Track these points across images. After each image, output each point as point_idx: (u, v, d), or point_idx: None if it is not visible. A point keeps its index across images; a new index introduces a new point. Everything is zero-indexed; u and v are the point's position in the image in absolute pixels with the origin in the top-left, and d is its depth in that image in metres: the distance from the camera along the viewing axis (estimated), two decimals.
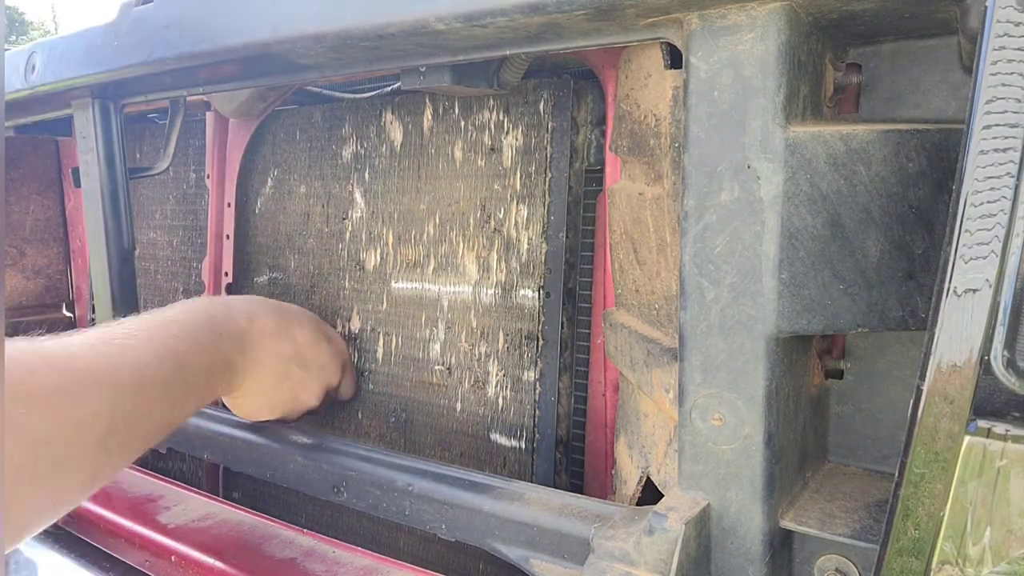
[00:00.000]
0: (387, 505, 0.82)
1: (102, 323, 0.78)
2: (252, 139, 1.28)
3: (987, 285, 0.44)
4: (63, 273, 1.77)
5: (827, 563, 0.63)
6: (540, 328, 0.96)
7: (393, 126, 1.10)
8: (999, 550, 0.46)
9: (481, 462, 1.01)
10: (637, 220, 0.77)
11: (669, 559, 0.57)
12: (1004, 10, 0.43)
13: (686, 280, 0.60)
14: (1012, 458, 0.45)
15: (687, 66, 0.59)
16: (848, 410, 0.73)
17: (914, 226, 0.57)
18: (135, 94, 1.07)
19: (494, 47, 0.71)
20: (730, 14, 0.56)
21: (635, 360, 0.78)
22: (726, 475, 0.61)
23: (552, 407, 0.96)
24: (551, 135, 0.95)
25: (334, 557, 0.84)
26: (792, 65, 0.56)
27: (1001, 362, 0.44)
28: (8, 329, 1.67)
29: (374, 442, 1.13)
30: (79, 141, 1.10)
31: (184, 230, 1.42)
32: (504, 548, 0.72)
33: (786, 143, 0.56)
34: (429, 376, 1.07)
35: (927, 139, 0.57)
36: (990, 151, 0.44)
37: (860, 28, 0.63)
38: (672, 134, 0.70)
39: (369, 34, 0.70)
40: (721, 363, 0.60)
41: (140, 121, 1.50)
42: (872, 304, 0.58)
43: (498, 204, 0.99)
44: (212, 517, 0.94)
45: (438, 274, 1.05)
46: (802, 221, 0.56)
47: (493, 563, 1.00)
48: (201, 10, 0.84)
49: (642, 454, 0.79)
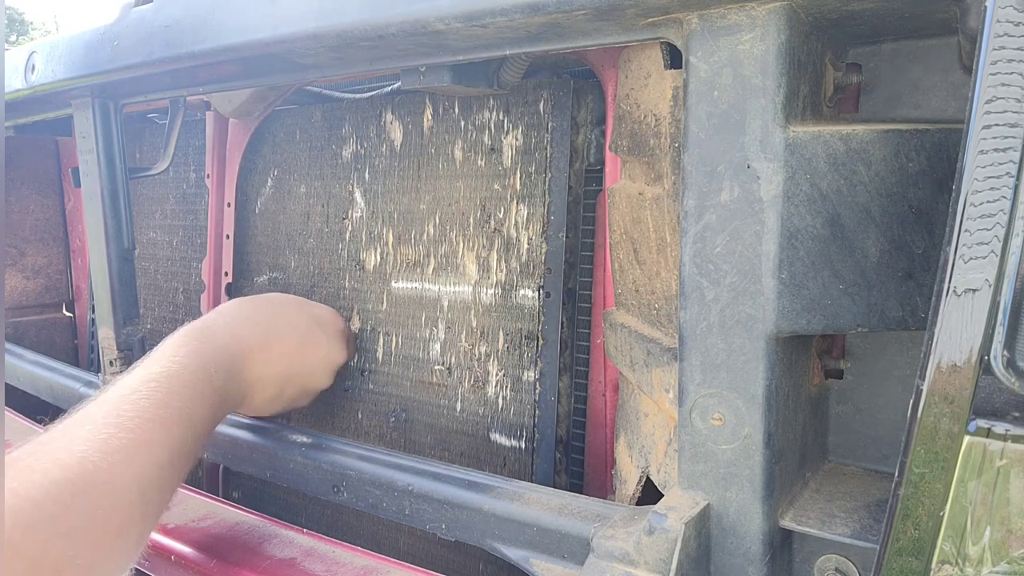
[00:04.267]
0: (387, 505, 0.82)
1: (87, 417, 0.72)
2: (252, 139, 1.28)
3: (987, 285, 0.44)
4: (63, 273, 1.77)
5: (827, 563, 0.63)
6: (540, 328, 0.96)
7: (393, 126, 1.10)
8: (999, 550, 0.46)
9: (481, 462, 1.01)
10: (637, 220, 0.77)
11: (669, 559, 0.57)
12: (1004, 10, 0.43)
13: (686, 280, 0.60)
14: (1012, 458, 0.45)
15: (687, 66, 0.59)
16: (848, 410, 0.73)
17: (914, 226, 0.57)
18: (135, 94, 1.07)
19: (494, 47, 0.71)
20: (730, 14, 0.56)
21: (635, 360, 0.78)
22: (726, 475, 0.61)
23: (552, 407, 0.96)
24: (551, 135, 0.95)
25: (334, 557, 0.84)
26: (792, 65, 0.56)
27: (1001, 362, 0.44)
28: (8, 329, 1.67)
29: (374, 442, 1.13)
30: (79, 141, 1.10)
31: (184, 230, 1.42)
32: (504, 548, 0.72)
33: (786, 143, 0.56)
34: (429, 376, 1.07)
35: (927, 139, 0.57)
36: (990, 151, 0.44)
37: (860, 28, 0.63)
38: (672, 134, 0.70)
39: (369, 34, 0.70)
40: (721, 363, 0.60)
41: (140, 121, 1.50)
42: (872, 304, 0.58)
43: (498, 204, 0.99)
44: (212, 517, 0.94)
45: (438, 274, 1.05)
46: (802, 221, 0.56)
47: (493, 563, 1.00)
48: (201, 10, 0.84)
49: (642, 454, 0.79)
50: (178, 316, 1.43)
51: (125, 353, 1.13)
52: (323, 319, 1.06)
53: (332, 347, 1.05)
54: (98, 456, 0.67)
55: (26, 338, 1.69)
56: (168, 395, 0.77)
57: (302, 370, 1.00)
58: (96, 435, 0.69)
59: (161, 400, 0.76)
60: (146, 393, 0.76)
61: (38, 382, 1.32)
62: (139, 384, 0.77)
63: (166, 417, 0.75)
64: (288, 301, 1.04)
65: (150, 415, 0.73)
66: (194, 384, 0.81)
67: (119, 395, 0.75)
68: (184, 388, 0.79)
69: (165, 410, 0.75)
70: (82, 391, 1.20)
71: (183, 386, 0.79)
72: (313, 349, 1.02)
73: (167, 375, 0.79)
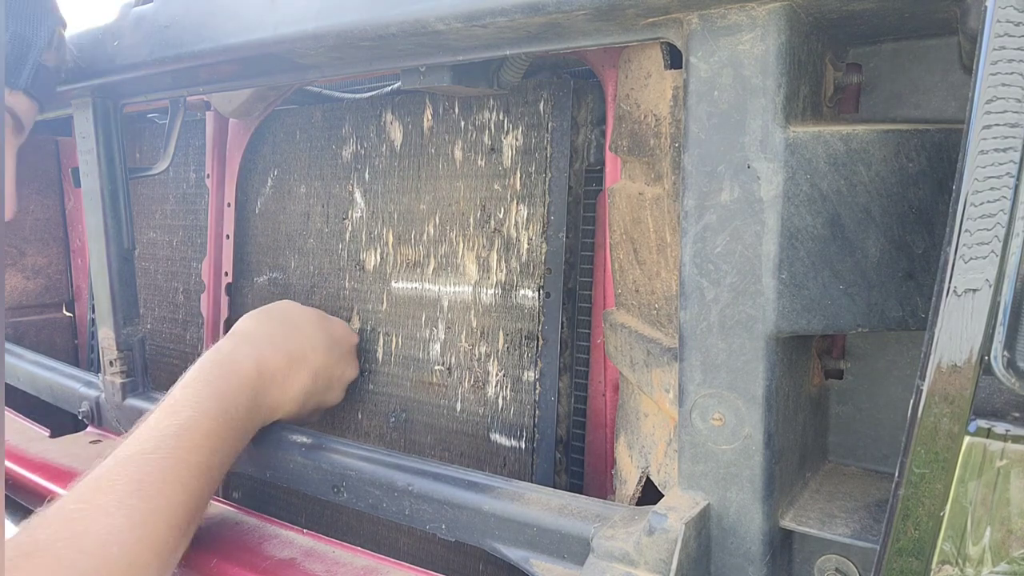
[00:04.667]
0: (387, 505, 0.82)
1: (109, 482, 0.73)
2: (252, 139, 1.28)
3: (987, 285, 0.44)
4: (63, 273, 1.77)
5: (827, 563, 0.63)
6: (540, 328, 0.96)
7: (393, 126, 1.10)
8: (999, 550, 0.46)
9: (481, 462, 1.01)
10: (637, 220, 0.77)
11: (669, 559, 0.57)
12: (1004, 10, 0.43)
13: (686, 280, 0.60)
14: (1012, 458, 0.45)
15: (687, 66, 0.59)
16: (848, 410, 0.73)
17: (914, 226, 0.57)
18: (135, 94, 1.07)
19: (494, 47, 0.71)
20: (730, 14, 0.56)
21: (635, 360, 0.78)
22: (726, 475, 0.61)
23: (552, 407, 0.96)
24: (551, 135, 0.95)
25: (334, 557, 0.84)
26: (792, 65, 0.56)
27: (1001, 362, 0.44)
28: (8, 329, 1.67)
29: (374, 442, 1.13)
30: (79, 141, 1.10)
31: (184, 230, 1.42)
32: (504, 548, 0.72)
33: (786, 143, 0.56)
34: (429, 376, 1.07)
35: (927, 139, 0.57)
36: (990, 151, 0.44)
37: (860, 28, 0.63)
38: (672, 134, 0.70)
39: (369, 34, 0.70)
40: (721, 363, 0.60)
41: (140, 121, 1.50)
42: (872, 304, 0.58)
43: (498, 204, 0.99)
44: (212, 517, 0.94)
45: (438, 274, 1.05)
46: (802, 221, 0.56)
47: (493, 563, 1.00)
48: (201, 10, 0.84)
49: (642, 454, 0.79)
50: (178, 316, 1.43)
51: (125, 353, 1.13)
52: (340, 337, 1.07)
53: (347, 365, 1.07)
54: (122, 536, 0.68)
55: (26, 338, 1.69)
56: (189, 451, 0.78)
57: (320, 390, 1.02)
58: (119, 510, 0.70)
59: (182, 458, 0.77)
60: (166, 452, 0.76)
61: (38, 382, 1.32)
62: (160, 439, 0.78)
63: (187, 477, 0.76)
64: (307, 319, 1.04)
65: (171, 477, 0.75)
66: (215, 432, 0.82)
67: (140, 452, 0.76)
68: (205, 439, 0.80)
69: (186, 470, 0.76)
70: (82, 391, 1.20)
71: (204, 437, 0.80)
72: (331, 369, 1.03)
73: (188, 428, 0.80)
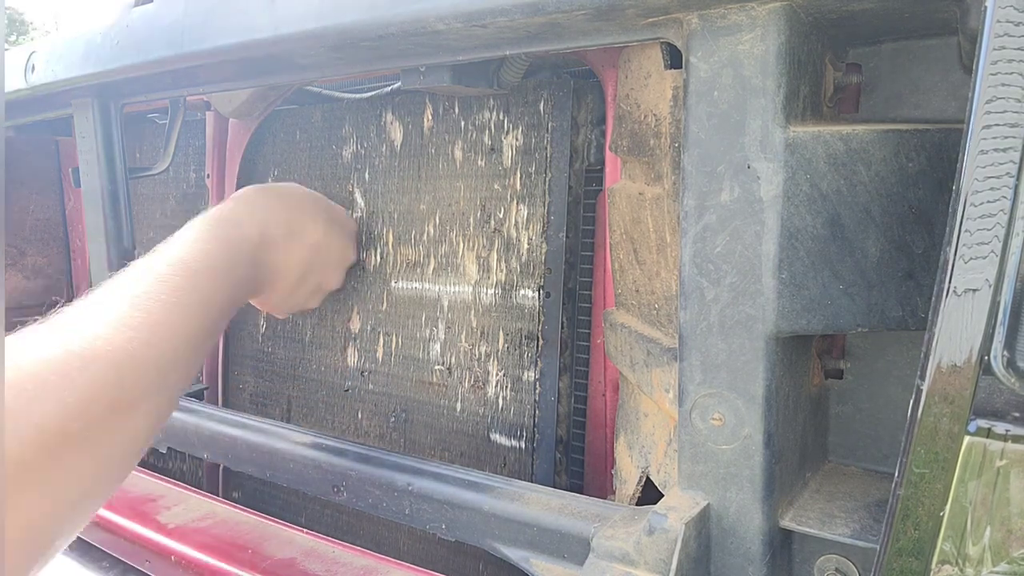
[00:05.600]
0: (387, 505, 0.82)
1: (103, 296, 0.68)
2: (252, 139, 1.28)
3: (987, 285, 0.44)
4: (63, 273, 1.77)
5: (827, 563, 0.63)
6: (540, 328, 0.96)
7: (393, 126, 1.10)
8: (999, 550, 0.46)
9: (481, 462, 1.01)
10: (637, 220, 0.77)
11: (669, 559, 0.57)
12: (1004, 10, 0.43)
13: (686, 280, 0.60)
14: (1012, 458, 0.45)
15: (687, 66, 0.59)
16: (848, 410, 0.73)
17: (914, 226, 0.57)
18: (135, 94, 1.07)
19: (494, 47, 0.71)
20: (730, 14, 0.56)
21: (635, 360, 0.78)
22: (726, 475, 0.61)
23: (552, 407, 0.96)
24: (551, 135, 0.95)
25: (334, 557, 0.84)
26: (792, 65, 0.56)
27: (1001, 362, 0.44)
28: (8, 329, 1.67)
29: (374, 442, 1.13)
30: (79, 141, 1.10)
31: None
32: (504, 548, 0.72)
33: (786, 143, 0.56)
34: (429, 376, 1.07)
35: (927, 139, 0.57)
36: (990, 151, 0.44)
37: (860, 28, 0.63)
38: (672, 134, 0.70)
39: (369, 34, 0.70)
40: (721, 363, 0.60)
41: (140, 121, 1.50)
42: (872, 304, 0.58)
43: (498, 204, 0.99)
44: (212, 517, 0.94)
45: (438, 274, 1.05)
46: (802, 221, 0.56)
47: (493, 563, 1.00)
48: (201, 10, 0.84)
49: (642, 454, 0.79)
50: None
51: None
52: (339, 217, 1.07)
53: (347, 247, 1.06)
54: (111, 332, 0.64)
55: None
56: (189, 280, 0.74)
57: (320, 266, 1.00)
58: (110, 313, 0.66)
59: (180, 285, 0.73)
60: (166, 277, 0.73)
61: None
62: (160, 267, 0.74)
63: (186, 303, 0.72)
64: (307, 195, 1.03)
65: (172, 300, 0.71)
66: (217, 271, 0.79)
67: (138, 277, 0.72)
68: (207, 274, 0.77)
69: (185, 295, 0.73)
70: None
71: (206, 272, 0.77)
72: (331, 246, 1.02)
73: (189, 260, 0.76)
